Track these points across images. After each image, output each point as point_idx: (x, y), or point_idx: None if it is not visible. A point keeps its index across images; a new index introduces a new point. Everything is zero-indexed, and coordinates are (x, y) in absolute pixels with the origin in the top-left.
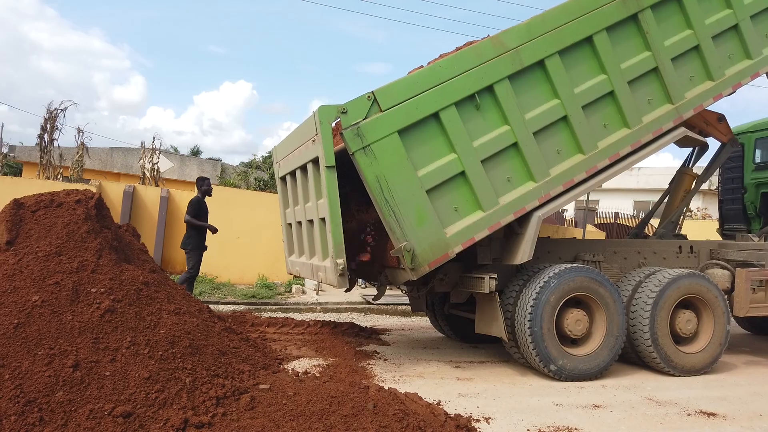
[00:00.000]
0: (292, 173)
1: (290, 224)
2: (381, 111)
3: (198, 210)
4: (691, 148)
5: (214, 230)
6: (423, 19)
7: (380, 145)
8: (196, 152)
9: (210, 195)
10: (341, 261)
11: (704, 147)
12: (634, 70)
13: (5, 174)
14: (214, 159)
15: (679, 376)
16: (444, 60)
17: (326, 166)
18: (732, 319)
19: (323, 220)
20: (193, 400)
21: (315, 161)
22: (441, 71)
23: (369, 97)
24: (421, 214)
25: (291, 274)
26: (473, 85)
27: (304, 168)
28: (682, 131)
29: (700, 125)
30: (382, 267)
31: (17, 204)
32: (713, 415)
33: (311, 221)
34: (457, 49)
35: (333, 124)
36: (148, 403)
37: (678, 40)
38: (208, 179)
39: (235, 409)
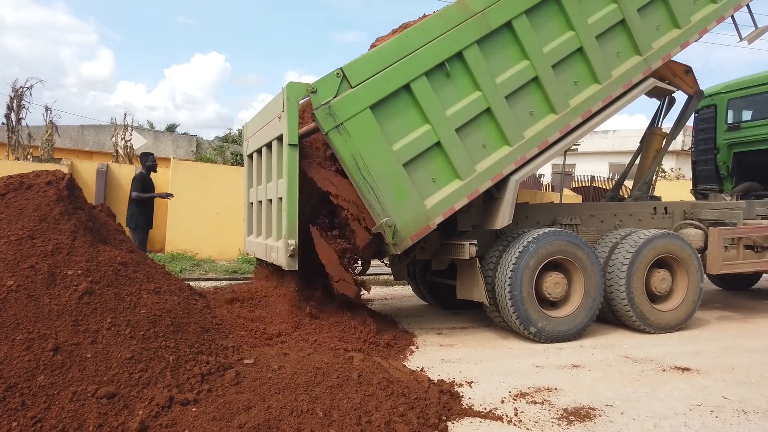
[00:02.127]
0: (259, 151)
1: (252, 203)
2: (351, 87)
3: (144, 185)
4: (658, 107)
5: (169, 195)
6: None
7: (353, 123)
8: (171, 128)
9: (155, 171)
10: (293, 242)
11: (672, 100)
12: (601, 24)
13: None
14: (189, 134)
15: (654, 333)
16: (411, 29)
17: (288, 144)
18: (705, 276)
19: (281, 199)
20: (178, 377)
21: (280, 139)
22: (408, 41)
23: (338, 74)
24: (399, 188)
25: (248, 254)
26: (442, 52)
27: (269, 146)
28: (652, 82)
29: (668, 77)
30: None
31: None
32: (687, 370)
33: (270, 201)
34: (422, 18)
35: (302, 102)
36: (132, 383)
37: None
38: (153, 155)
39: (221, 384)
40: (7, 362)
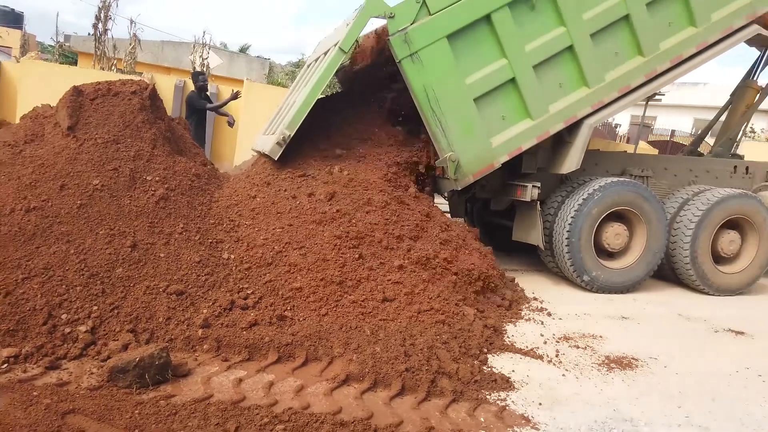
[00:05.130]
0: (317, 59)
1: (281, 106)
2: (430, 14)
3: (190, 106)
4: (757, 57)
5: (236, 95)
6: None
7: (428, 52)
8: (243, 49)
9: (206, 90)
10: (288, 133)
11: None
12: None
13: (61, 63)
14: (262, 57)
15: (713, 295)
16: None
17: (339, 48)
18: None
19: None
20: (240, 284)
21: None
22: None
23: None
24: (467, 123)
25: (252, 150)
26: None
27: (326, 53)
28: (755, 29)
29: None
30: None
31: (77, 91)
32: (741, 333)
33: (295, 102)
34: None
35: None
36: (198, 284)
37: None
38: (204, 74)
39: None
40: (91, 253)
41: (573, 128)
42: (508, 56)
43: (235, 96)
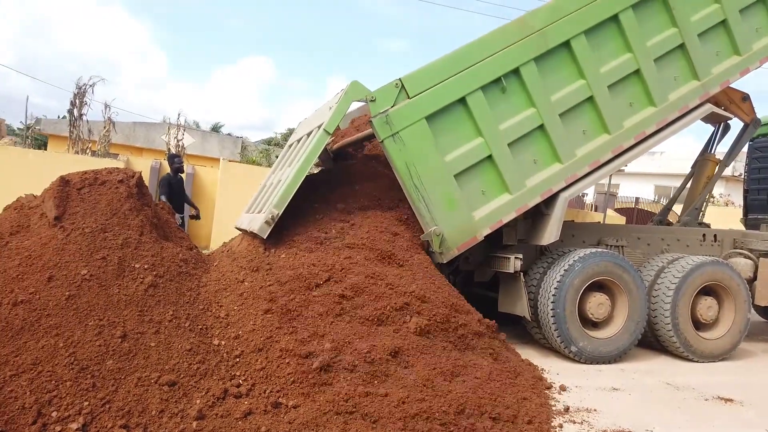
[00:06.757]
0: (299, 140)
1: (265, 185)
2: (408, 98)
3: (169, 188)
4: (712, 132)
5: (197, 217)
6: None
7: (409, 132)
8: (216, 128)
9: (182, 172)
10: (277, 212)
11: (727, 127)
12: (660, 48)
13: (32, 147)
14: (233, 135)
15: (698, 361)
16: (469, 44)
17: (324, 129)
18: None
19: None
20: (232, 371)
21: (320, 127)
22: (466, 56)
23: (396, 84)
24: (449, 198)
25: (236, 228)
26: (499, 68)
27: (309, 134)
28: (708, 108)
29: (725, 103)
30: None
31: (64, 181)
32: (730, 401)
33: (281, 181)
34: None
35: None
36: (190, 373)
37: (704, 15)
38: (180, 156)
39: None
40: (80, 345)
41: (550, 201)
42: (484, 135)
43: (197, 217)
